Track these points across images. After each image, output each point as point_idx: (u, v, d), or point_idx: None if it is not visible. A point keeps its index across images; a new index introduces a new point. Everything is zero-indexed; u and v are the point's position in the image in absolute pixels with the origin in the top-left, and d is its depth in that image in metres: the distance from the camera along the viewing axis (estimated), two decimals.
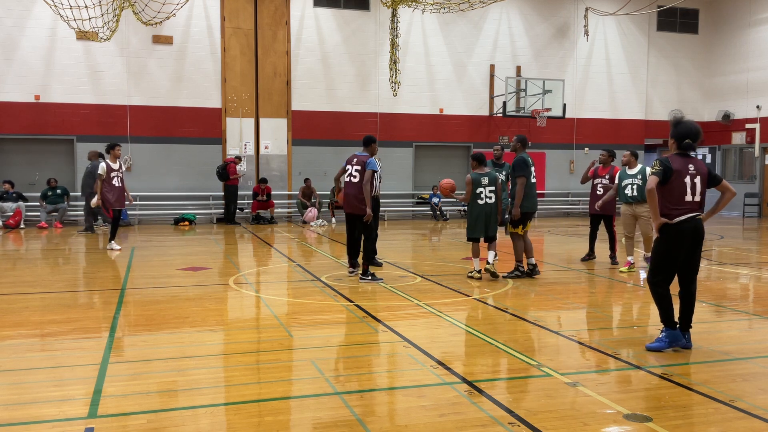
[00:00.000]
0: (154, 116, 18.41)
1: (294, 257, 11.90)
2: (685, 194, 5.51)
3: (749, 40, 22.22)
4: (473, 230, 9.06)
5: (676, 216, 5.47)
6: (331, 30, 19.78)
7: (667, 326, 5.59)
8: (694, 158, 5.61)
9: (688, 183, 5.51)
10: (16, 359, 5.40)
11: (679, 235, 5.47)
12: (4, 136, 17.57)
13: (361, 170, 8.92)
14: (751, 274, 10.18)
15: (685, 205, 5.50)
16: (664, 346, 5.56)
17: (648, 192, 5.46)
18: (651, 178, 5.47)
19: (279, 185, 19.47)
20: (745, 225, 18.99)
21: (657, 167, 5.48)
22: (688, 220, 5.49)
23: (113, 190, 11.74)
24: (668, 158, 5.56)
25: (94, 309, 7.31)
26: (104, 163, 11.73)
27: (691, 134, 5.58)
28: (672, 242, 5.49)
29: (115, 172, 11.78)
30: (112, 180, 11.72)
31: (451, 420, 4.06)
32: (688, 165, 5.53)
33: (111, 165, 11.77)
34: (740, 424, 4.04)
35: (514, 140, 9.55)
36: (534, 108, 20.20)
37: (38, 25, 17.40)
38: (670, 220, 5.46)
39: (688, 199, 5.52)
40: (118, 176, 11.82)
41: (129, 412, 4.14)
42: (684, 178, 5.50)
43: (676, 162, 5.52)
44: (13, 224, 16.08)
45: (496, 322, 6.80)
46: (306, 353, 5.63)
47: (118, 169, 11.87)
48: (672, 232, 5.48)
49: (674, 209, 5.47)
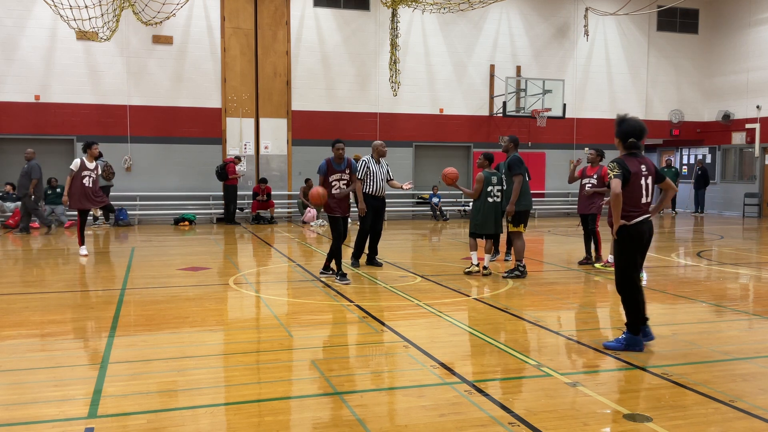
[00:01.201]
0: (154, 116, 18.41)
1: (294, 257, 11.90)
2: (641, 196, 5.48)
3: (749, 40, 22.22)
4: (482, 227, 9.29)
5: (634, 218, 5.44)
6: (331, 30, 19.78)
7: (631, 331, 5.54)
8: (643, 158, 5.58)
9: (643, 185, 5.49)
10: (16, 359, 5.40)
11: (638, 235, 5.46)
12: (4, 136, 17.57)
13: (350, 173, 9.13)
14: (751, 274, 10.18)
15: (641, 207, 5.49)
16: (621, 348, 5.52)
17: (615, 196, 5.37)
18: (614, 181, 5.38)
19: (279, 185, 19.47)
20: (745, 225, 18.99)
21: (617, 170, 5.41)
22: (645, 221, 5.49)
23: (81, 189, 11.27)
24: (623, 160, 5.49)
25: (94, 309, 7.31)
26: (78, 160, 11.38)
27: (635, 132, 5.53)
28: (633, 243, 5.48)
29: (88, 171, 11.32)
30: (83, 179, 11.26)
31: (451, 420, 4.06)
32: (641, 166, 5.50)
33: (86, 163, 11.33)
34: (740, 424, 4.04)
35: (506, 140, 9.70)
36: (534, 108, 20.20)
37: (38, 25, 17.40)
38: (628, 222, 5.43)
39: (643, 201, 5.51)
40: (90, 176, 11.34)
41: (129, 412, 4.14)
42: (640, 179, 5.47)
43: (632, 164, 5.47)
44: (13, 224, 16.08)
45: (496, 322, 6.80)
46: (306, 353, 5.63)
47: (93, 169, 11.42)
48: (632, 234, 5.45)
49: (632, 211, 5.43)
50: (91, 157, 11.42)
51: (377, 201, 10.22)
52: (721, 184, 23.57)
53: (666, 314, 7.33)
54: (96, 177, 11.51)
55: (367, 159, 10.34)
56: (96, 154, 11.53)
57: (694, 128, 23.79)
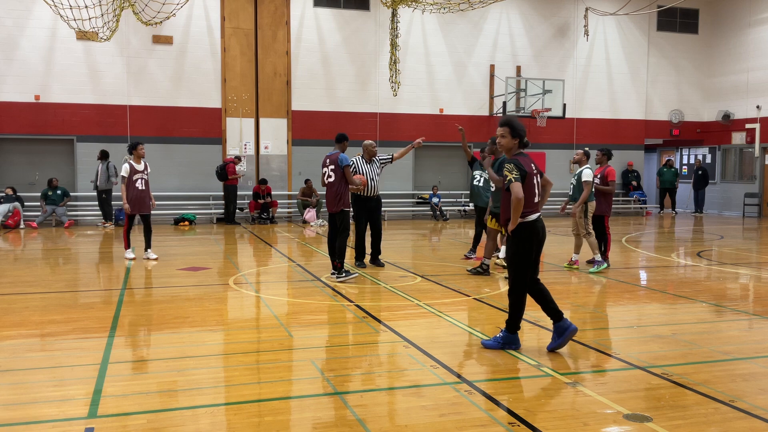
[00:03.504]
0: (154, 116, 18.41)
1: (294, 257, 11.90)
2: (534, 195, 5.52)
3: (749, 40, 22.22)
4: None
5: (529, 216, 5.46)
6: (331, 30, 19.78)
7: (509, 330, 5.60)
8: (528, 156, 5.63)
9: (535, 183, 5.55)
10: (16, 359, 5.40)
11: (534, 232, 5.47)
12: (4, 136, 17.57)
13: (335, 169, 8.94)
14: (751, 274, 10.18)
15: (535, 207, 5.52)
16: (497, 347, 5.57)
17: (518, 201, 5.33)
18: (517, 185, 5.36)
19: (279, 185, 19.47)
20: (745, 225, 18.99)
21: (516, 172, 5.40)
22: (539, 219, 5.54)
23: (137, 194, 10.73)
24: (519, 160, 5.49)
25: (94, 309, 7.31)
26: (127, 164, 10.81)
27: (524, 132, 5.60)
28: (529, 241, 5.47)
29: (139, 174, 10.78)
30: (135, 182, 10.74)
31: (451, 420, 4.06)
32: (531, 164, 5.54)
33: (134, 166, 10.76)
34: (740, 424, 4.04)
35: (490, 142, 9.57)
36: (534, 108, 20.20)
37: (38, 25, 17.40)
38: (524, 219, 5.45)
39: (536, 200, 5.55)
40: (142, 178, 10.81)
41: (129, 412, 4.14)
42: (533, 179, 5.52)
43: (526, 164, 5.50)
44: (13, 224, 16.09)
45: (496, 322, 6.80)
46: (306, 353, 5.63)
47: (143, 170, 10.85)
48: (528, 231, 5.45)
49: (527, 211, 5.45)
50: (137, 157, 10.84)
51: (370, 201, 10.18)
52: (721, 184, 23.57)
53: (666, 314, 7.34)
54: (147, 178, 10.96)
55: (357, 159, 10.31)
56: (142, 154, 10.90)
57: (694, 128, 23.79)
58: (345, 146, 9.21)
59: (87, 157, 17.69)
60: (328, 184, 9.00)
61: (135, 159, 10.86)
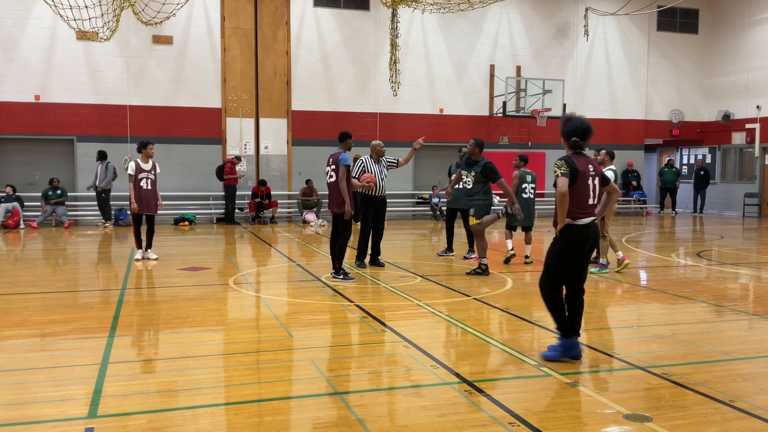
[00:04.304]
0: (154, 116, 18.40)
1: (294, 257, 11.90)
2: (588, 197, 5.24)
3: (749, 40, 22.21)
4: (521, 220, 10.32)
5: (580, 219, 5.20)
6: (331, 30, 19.78)
7: (564, 335, 5.29)
8: (589, 158, 5.40)
9: (590, 185, 5.26)
10: (16, 359, 5.40)
11: (582, 238, 5.22)
12: (4, 136, 17.56)
13: (336, 168, 8.88)
14: (751, 274, 10.18)
15: (588, 209, 5.26)
16: (559, 356, 5.25)
17: (561, 195, 5.11)
18: (562, 179, 5.15)
19: (279, 185, 19.46)
20: (745, 225, 18.99)
21: (565, 168, 5.18)
22: (590, 224, 5.26)
23: (141, 193, 10.68)
24: (571, 158, 5.27)
25: (94, 309, 7.31)
26: (133, 163, 10.77)
27: (577, 131, 5.32)
28: (574, 246, 5.24)
29: (145, 174, 10.70)
30: (140, 182, 10.68)
31: (451, 420, 4.06)
32: (588, 165, 5.30)
33: (141, 165, 10.72)
34: (740, 424, 4.04)
35: (471, 143, 9.55)
36: (534, 108, 20.19)
37: (38, 25, 17.39)
38: (573, 220, 5.20)
39: (590, 203, 5.27)
40: (148, 178, 10.73)
41: (129, 412, 4.14)
42: (587, 180, 5.25)
43: (579, 162, 5.24)
44: (12, 224, 16.08)
45: (496, 322, 6.80)
46: (306, 353, 5.63)
47: (150, 170, 10.78)
48: (576, 235, 5.21)
49: (579, 213, 5.20)
50: (146, 157, 10.77)
51: (378, 201, 10.21)
52: (721, 184, 23.56)
53: (666, 314, 7.34)
54: (155, 178, 10.87)
55: (365, 159, 10.33)
56: (151, 153, 10.85)
57: (694, 128, 23.79)
58: (348, 145, 9.13)
59: (87, 157, 17.68)
60: (330, 184, 8.99)
61: (143, 158, 10.82)
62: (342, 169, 8.76)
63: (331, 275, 9.02)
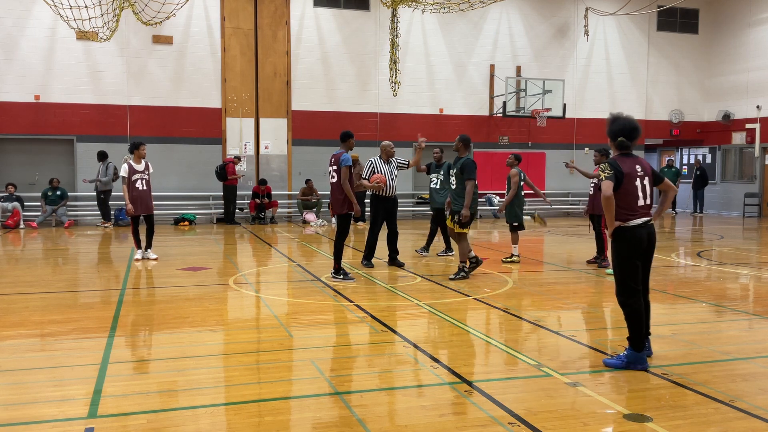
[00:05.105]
0: (154, 116, 18.41)
1: (294, 257, 11.89)
2: (637, 198, 5.12)
3: (749, 40, 22.21)
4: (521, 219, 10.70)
5: (630, 221, 5.11)
6: (331, 30, 19.78)
7: (633, 347, 5.11)
8: (638, 158, 5.30)
9: (638, 186, 5.14)
10: (16, 359, 5.40)
11: (635, 239, 5.11)
12: (4, 136, 17.56)
13: (338, 169, 8.85)
14: (751, 274, 10.18)
15: (638, 210, 5.14)
16: (622, 366, 5.09)
17: (606, 199, 5.02)
18: (605, 183, 5.05)
19: (279, 185, 19.47)
20: (745, 225, 18.99)
21: (609, 171, 5.11)
22: (643, 225, 5.14)
23: (137, 194, 10.64)
24: (616, 160, 5.22)
25: (94, 309, 7.31)
26: (126, 165, 10.74)
27: (624, 131, 5.27)
28: (629, 248, 5.11)
29: (139, 174, 10.68)
30: (135, 183, 10.64)
31: (451, 420, 4.06)
32: (635, 166, 5.20)
33: (134, 166, 10.68)
34: (740, 424, 4.04)
35: (457, 140, 9.25)
36: (534, 108, 20.19)
37: (38, 25, 17.39)
38: (624, 223, 5.11)
39: (640, 204, 5.14)
40: (142, 178, 10.71)
41: (129, 412, 4.14)
42: (635, 180, 5.13)
43: (625, 164, 5.16)
44: (12, 224, 16.09)
45: (496, 322, 6.81)
46: (306, 353, 5.63)
47: (143, 170, 10.76)
48: (628, 237, 5.09)
49: (629, 215, 5.11)
50: (138, 158, 10.75)
51: (388, 202, 10.20)
52: (721, 184, 23.56)
53: (666, 314, 7.33)
54: (148, 179, 10.84)
55: (375, 159, 10.32)
56: (144, 154, 10.81)
57: (694, 128, 23.79)
58: (350, 144, 9.10)
59: (87, 157, 17.67)
60: (331, 184, 8.99)
61: (135, 159, 10.80)
62: (344, 170, 8.76)
63: (331, 275, 9.03)
